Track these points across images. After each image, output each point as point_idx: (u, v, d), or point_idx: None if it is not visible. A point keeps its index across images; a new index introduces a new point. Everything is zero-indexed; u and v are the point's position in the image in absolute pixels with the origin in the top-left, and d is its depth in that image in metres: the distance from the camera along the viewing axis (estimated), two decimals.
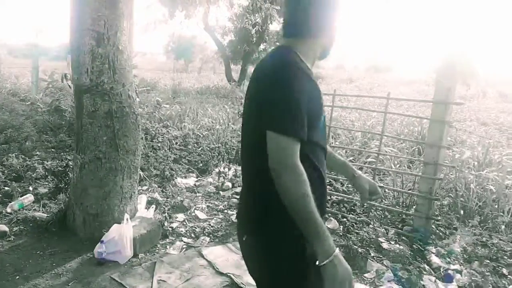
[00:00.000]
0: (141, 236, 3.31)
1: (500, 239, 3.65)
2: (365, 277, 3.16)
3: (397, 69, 29.38)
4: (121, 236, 3.13)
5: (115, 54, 3.19)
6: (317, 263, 1.27)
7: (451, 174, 4.70)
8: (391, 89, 13.39)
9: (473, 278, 3.11)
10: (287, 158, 1.25)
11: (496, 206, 4.20)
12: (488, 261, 3.34)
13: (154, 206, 4.00)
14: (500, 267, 3.26)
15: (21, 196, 4.13)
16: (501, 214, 4.06)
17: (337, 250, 1.28)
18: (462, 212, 4.11)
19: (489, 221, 4.02)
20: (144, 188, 4.56)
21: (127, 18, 3.30)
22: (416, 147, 5.83)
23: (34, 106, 8.71)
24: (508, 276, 3.17)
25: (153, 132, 6.14)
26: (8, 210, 3.88)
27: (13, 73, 14.13)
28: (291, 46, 1.42)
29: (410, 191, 4.25)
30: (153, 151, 5.55)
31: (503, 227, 3.89)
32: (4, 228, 3.54)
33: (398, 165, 5.17)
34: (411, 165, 5.35)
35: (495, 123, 9.66)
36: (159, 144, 5.77)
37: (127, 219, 3.24)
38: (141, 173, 4.54)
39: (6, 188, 4.38)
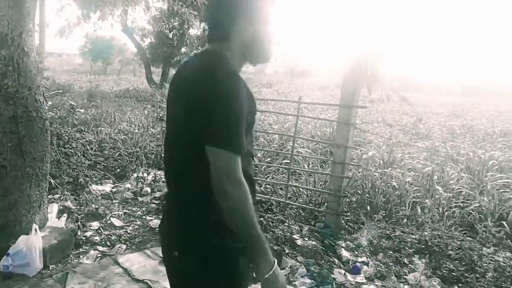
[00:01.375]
0: (51, 247, 3.16)
1: (402, 231, 4.00)
2: None
3: (314, 74, 30.70)
4: (29, 247, 2.97)
5: (20, 56, 3.02)
6: (258, 275, 1.27)
7: (359, 173, 5.05)
8: (307, 94, 14.05)
9: (378, 268, 3.39)
10: (235, 175, 1.21)
11: (399, 201, 4.59)
12: (391, 252, 3.65)
13: (66, 215, 3.84)
14: (402, 257, 3.57)
15: None
16: (403, 208, 4.45)
17: (275, 260, 1.30)
18: (368, 207, 4.43)
19: (392, 215, 4.38)
20: (56, 196, 4.35)
21: (34, 19, 3.15)
22: (328, 148, 6.18)
23: None
24: (409, 264, 3.49)
25: (66, 137, 5.85)
26: None
27: None
28: (218, 50, 1.37)
29: (321, 190, 4.52)
30: (65, 157, 5.29)
31: (404, 220, 4.26)
32: None
33: (311, 165, 5.45)
34: (323, 165, 5.66)
35: (399, 124, 10.49)
36: (72, 150, 5.51)
37: (35, 230, 3.08)
38: (52, 180, 4.32)
39: None
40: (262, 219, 4.14)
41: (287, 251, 3.53)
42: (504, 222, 4.03)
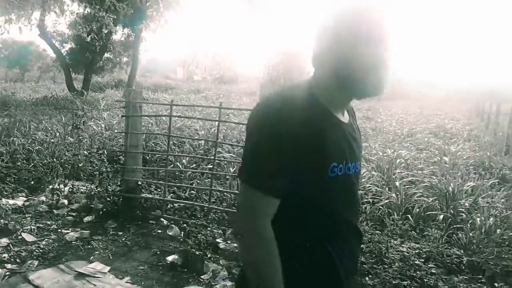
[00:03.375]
0: None
1: None
2: (201, 278, 3.30)
3: (241, 81, 31.20)
4: None
5: None
6: None
7: None
8: (234, 99, 14.23)
9: None
10: (253, 220, 1.07)
11: None
12: None
13: None
14: None
15: None
16: None
17: None
18: None
19: None
20: None
21: None
22: None
23: None
24: None
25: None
26: None
27: None
28: (303, 81, 1.19)
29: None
30: None
31: None
32: None
33: (235, 169, 5.53)
34: None
35: None
36: None
37: None
38: None
39: None
40: (185, 225, 4.14)
41: (209, 256, 3.54)
42: (409, 216, 4.38)
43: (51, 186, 5.01)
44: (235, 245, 3.76)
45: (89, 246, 3.74)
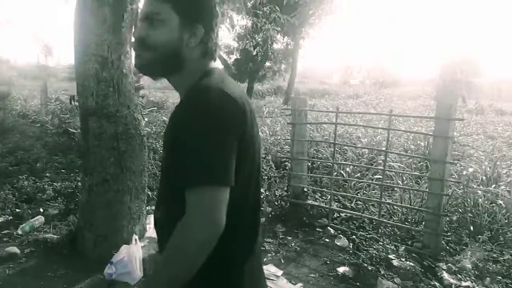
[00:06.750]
0: (150, 257, 3.31)
1: None
2: None
3: (403, 83, 29.18)
4: (130, 257, 3.13)
5: (119, 77, 3.24)
6: None
7: (459, 190, 4.66)
8: (397, 104, 13.44)
9: None
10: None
11: (506, 221, 4.15)
12: (500, 277, 3.30)
13: None
14: None
15: (31, 218, 4.17)
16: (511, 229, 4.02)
17: None
18: (471, 227, 4.06)
19: (499, 237, 3.97)
20: (154, 208, 4.57)
21: (130, 42, 3.37)
22: (423, 162, 5.81)
23: (43, 128, 8.84)
24: None
25: (161, 151, 6.17)
26: (19, 232, 3.91)
27: (22, 95, 14.37)
28: None
29: (418, 208, 4.23)
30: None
31: None
32: (15, 250, 3.57)
33: (405, 181, 5.14)
34: (419, 180, 5.32)
35: (502, 136, 9.54)
36: None
37: (136, 240, 3.25)
38: (150, 193, 4.56)
39: (17, 210, 4.43)
40: (354, 236, 3.99)
41: (382, 272, 3.34)
42: None
43: None
44: (410, 263, 3.47)
45: (261, 248, 3.86)
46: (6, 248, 3.62)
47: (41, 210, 4.45)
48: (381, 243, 3.71)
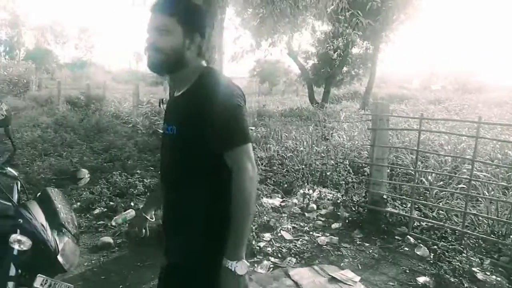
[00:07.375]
0: None
1: None
2: None
3: (489, 89, 27.01)
4: None
5: None
6: (225, 262, 1.37)
7: None
8: (483, 111, 12.57)
9: None
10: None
11: None
12: None
13: None
14: None
15: (124, 211, 4.57)
16: None
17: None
18: None
19: None
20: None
21: (218, 50, 3.58)
22: (511, 172, 5.45)
23: (134, 128, 9.57)
24: None
25: None
26: (113, 223, 4.31)
27: (116, 98, 15.60)
28: None
29: (506, 220, 4.01)
30: None
31: None
32: (109, 240, 3.97)
33: (491, 192, 4.87)
34: (506, 191, 5.00)
35: None
36: None
37: None
38: None
39: (111, 203, 4.88)
40: (435, 246, 3.89)
41: (466, 285, 3.23)
42: None
43: (301, 191, 5.49)
44: (497, 278, 3.32)
45: (338, 253, 3.91)
46: (101, 238, 4.03)
47: (132, 204, 4.86)
48: (465, 255, 3.57)
